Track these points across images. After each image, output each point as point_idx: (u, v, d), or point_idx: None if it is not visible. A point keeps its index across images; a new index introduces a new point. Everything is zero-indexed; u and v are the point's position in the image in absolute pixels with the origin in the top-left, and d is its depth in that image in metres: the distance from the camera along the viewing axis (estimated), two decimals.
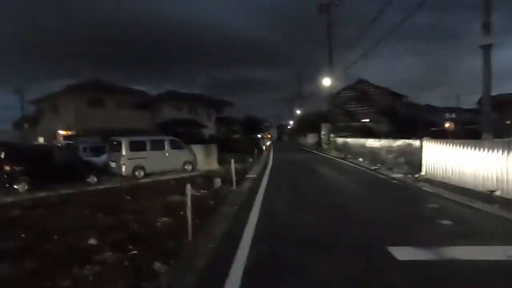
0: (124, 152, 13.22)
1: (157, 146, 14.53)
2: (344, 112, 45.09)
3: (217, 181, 9.80)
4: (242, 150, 22.71)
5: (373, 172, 12.37)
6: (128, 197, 9.58)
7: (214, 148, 17.29)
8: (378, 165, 13.61)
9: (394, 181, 9.92)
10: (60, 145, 16.26)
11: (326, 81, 25.75)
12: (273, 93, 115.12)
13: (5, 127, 38.51)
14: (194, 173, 14.93)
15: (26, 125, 38.48)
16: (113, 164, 13.66)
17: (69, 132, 28.82)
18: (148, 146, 14.07)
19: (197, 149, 17.23)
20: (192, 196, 5.56)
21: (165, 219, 6.79)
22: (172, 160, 14.88)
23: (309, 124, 48.66)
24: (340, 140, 23.26)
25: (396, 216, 6.09)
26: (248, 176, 12.15)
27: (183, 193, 10.35)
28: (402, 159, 11.86)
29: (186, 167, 15.54)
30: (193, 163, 15.90)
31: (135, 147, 13.67)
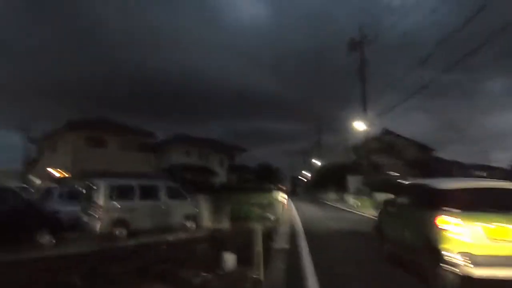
0: (100, 201, 9.43)
1: (150, 194, 10.74)
2: (369, 164, 40.99)
3: (229, 259, 5.79)
4: (259, 204, 18.67)
5: None
6: (77, 281, 5.62)
7: (225, 200, 13.37)
8: None
9: None
10: (23, 188, 12.70)
11: (359, 125, 22.24)
12: (286, 145, 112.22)
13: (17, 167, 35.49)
14: (197, 234, 10.92)
15: (26, 165, 35.68)
16: (85, 217, 9.82)
17: (64, 174, 25.55)
18: (136, 193, 10.27)
19: (204, 200, 13.39)
20: None
21: None
22: (169, 214, 10.97)
23: (329, 177, 44.43)
24: (380, 195, 19.04)
25: None
26: (276, 246, 8.08)
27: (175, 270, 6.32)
28: None
29: (187, 223, 11.56)
30: (197, 218, 11.92)
31: (118, 194, 9.91)
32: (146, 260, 7.10)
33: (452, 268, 4.17)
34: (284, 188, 52.98)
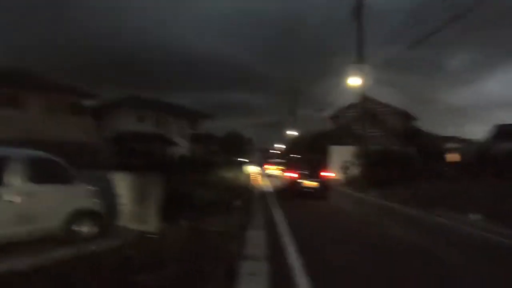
0: None
1: None
2: (349, 134, 37.03)
3: None
4: (220, 184, 13.72)
5: None
6: None
7: (157, 182, 8.03)
8: None
9: None
10: None
11: (354, 80, 17.35)
12: (260, 118, 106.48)
13: None
14: (92, 250, 5.74)
15: None
16: None
17: None
18: None
19: (122, 181, 8.12)
20: None
21: None
22: (37, 211, 5.70)
23: (305, 149, 39.97)
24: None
25: None
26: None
27: None
28: None
29: (76, 227, 6.33)
30: (100, 216, 6.70)
31: None
32: None
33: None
34: (255, 161, 48.39)
